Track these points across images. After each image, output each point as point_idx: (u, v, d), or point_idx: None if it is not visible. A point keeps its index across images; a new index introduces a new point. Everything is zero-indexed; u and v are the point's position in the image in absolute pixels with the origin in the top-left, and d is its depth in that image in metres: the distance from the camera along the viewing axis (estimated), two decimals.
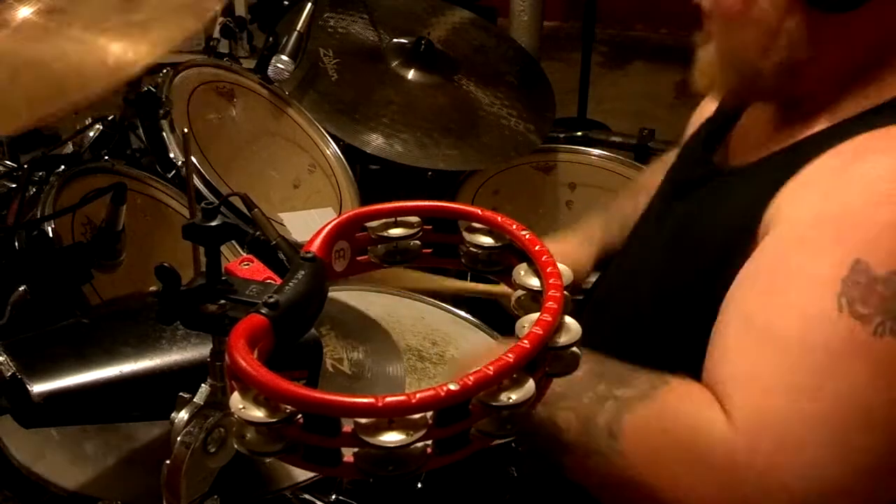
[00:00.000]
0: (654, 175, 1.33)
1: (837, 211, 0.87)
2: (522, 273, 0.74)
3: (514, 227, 0.76)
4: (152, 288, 0.77)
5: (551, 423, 0.93)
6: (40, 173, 1.55)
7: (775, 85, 1.01)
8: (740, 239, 0.94)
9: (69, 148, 1.68)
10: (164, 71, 1.83)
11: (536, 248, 0.73)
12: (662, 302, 1.05)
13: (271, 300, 0.68)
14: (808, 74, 0.98)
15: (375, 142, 1.96)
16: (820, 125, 0.97)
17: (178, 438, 0.80)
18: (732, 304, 0.91)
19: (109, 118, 1.70)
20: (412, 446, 0.60)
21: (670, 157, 1.33)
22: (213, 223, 0.77)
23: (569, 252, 1.45)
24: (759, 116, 1.11)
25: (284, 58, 1.90)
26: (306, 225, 1.82)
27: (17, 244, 1.41)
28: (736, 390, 0.85)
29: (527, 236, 0.75)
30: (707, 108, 1.29)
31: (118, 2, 1.15)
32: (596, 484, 0.94)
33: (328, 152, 1.98)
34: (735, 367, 0.87)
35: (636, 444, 0.88)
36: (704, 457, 0.85)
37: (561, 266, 0.71)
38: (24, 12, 1.14)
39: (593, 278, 1.38)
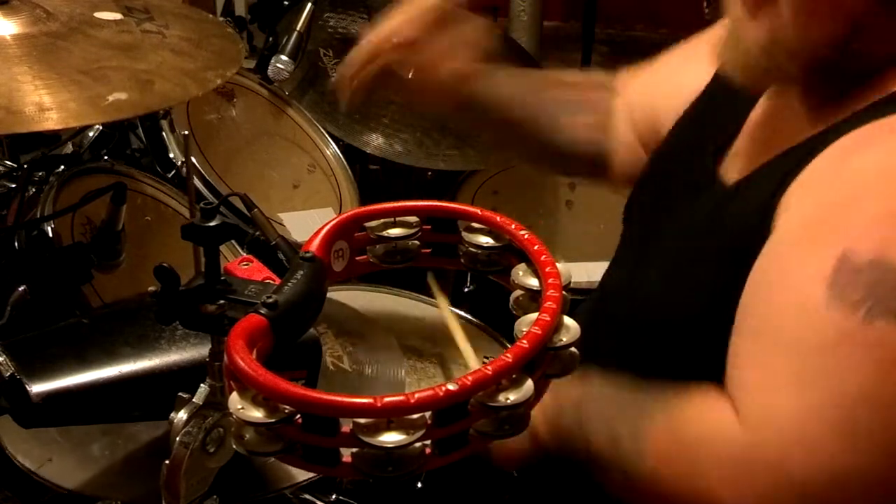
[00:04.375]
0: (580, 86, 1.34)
1: (826, 209, 0.88)
2: (521, 273, 0.74)
3: (513, 226, 0.76)
4: (151, 288, 0.77)
5: (586, 447, 0.97)
6: (40, 173, 1.55)
7: (844, 73, 0.96)
8: (752, 245, 0.93)
9: (69, 148, 1.68)
10: None
11: (535, 247, 0.73)
12: (667, 314, 1.04)
13: (270, 300, 0.67)
14: (866, 62, 0.95)
15: (375, 142, 1.96)
16: (830, 122, 0.96)
17: (177, 438, 0.80)
18: (739, 313, 0.92)
19: None
20: (411, 446, 0.60)
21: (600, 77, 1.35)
22: (212, 223, 0.77)
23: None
24: (765, 122, 1.09)
25: (284, 58, 1.90)
26: (306, 225, 1.82)
27: (17, 244, 1.41)
28: (745, 393, 0.87)
29: (526, 236, 0.74)
30: (684, 71, 1.24)
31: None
32: (632, 500, 0.98)
33: (328, 152, 1.98)
34: (743, 372, 0.89)
35: (658, 461, 0.91)
36: (716, 459, 0.87)
37: (560, 266, 0.71)
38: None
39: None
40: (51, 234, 1.42)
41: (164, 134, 1.75)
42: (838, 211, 0.87)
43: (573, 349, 0.67)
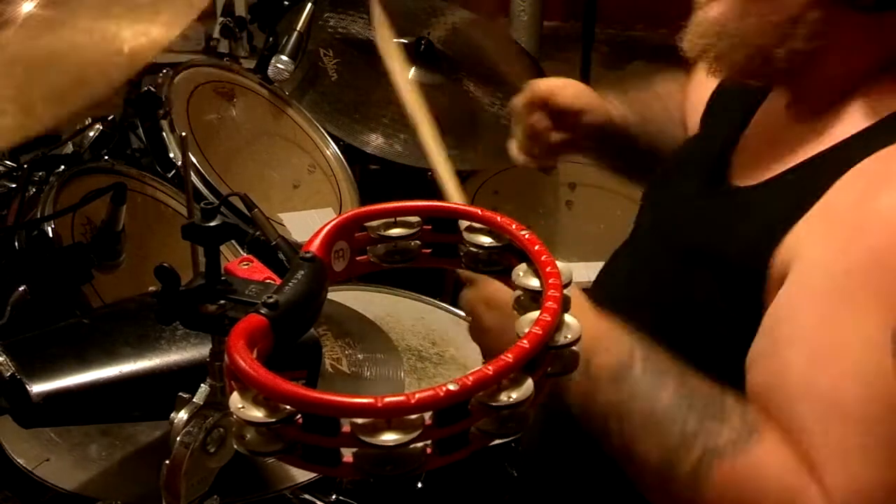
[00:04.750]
0: (668, 90, 1.37)
1: (867, 259, 0.86)
2: (522, 273, 0.74)
3: (514, 226, 0.76)
4: (152, 288, 0.77)
5: (630, 449, 0.92)
6: (40, 173, 1.55)
7: (784, 72, 0.99)
8: (754, 264, 0.93)
9: (69, 148, 1.68)
10: (164, 71, 1.83)
11: (536, 247, 0.73)
12: (663, 315, 1.04)
13: (271, 300, 0.67)
14: (821, 69, 0.97)
15: (375, 142, 1.96)
16: (833, 137, 0.96)
17: (178, 438, 0.80)
18: (788, 370, 0.89)
19: (109, 118, 1.69)
20: (411, 446, 0.60)
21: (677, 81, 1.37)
22: (213, 223, 0.77)
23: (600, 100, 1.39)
24: (768, 123, 1.09)
25: (284, 58, 1.90)
26: (306, 225, 1.82)
27: (17, 244, 1.41)
28: (826, 464, 0.85)
29: (526, 236, 0.74)
30: (705, 83, 1.26)
31: None
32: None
33: (328, 152, 1.98)
34: (817, 441, 0.86)
35: (724, 496, 0.88)
36: None
37: (560, 265, 0.71)
38: (27, 7, 1.12)
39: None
40: (51, 234, 1.42)
41: (164, 134, 1.75)
42: (881, 262, 0.85)
43: (574, 348, 0.67)
